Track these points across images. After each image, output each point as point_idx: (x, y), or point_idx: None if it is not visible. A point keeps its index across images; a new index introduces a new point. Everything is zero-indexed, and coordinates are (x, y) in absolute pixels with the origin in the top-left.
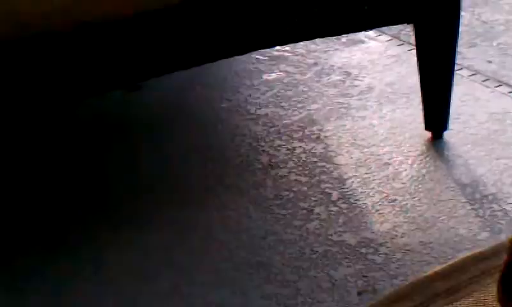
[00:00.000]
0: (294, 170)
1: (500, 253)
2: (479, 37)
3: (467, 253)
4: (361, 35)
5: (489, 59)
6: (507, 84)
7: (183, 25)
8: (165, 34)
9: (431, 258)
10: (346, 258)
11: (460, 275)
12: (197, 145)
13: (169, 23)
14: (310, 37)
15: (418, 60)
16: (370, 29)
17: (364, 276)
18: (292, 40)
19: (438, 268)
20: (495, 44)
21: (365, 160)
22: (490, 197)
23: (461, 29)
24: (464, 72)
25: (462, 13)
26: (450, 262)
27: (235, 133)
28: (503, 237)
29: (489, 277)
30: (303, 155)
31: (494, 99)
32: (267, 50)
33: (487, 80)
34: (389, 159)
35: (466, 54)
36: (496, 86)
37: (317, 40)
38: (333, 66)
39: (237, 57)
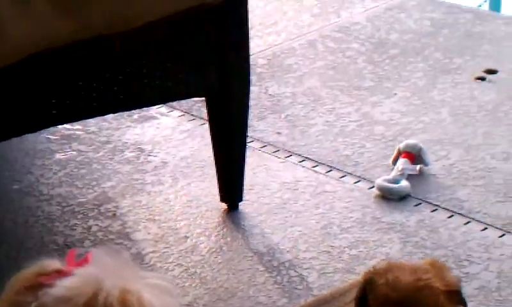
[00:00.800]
0: (90, 249)
1: None
2: (267, 110)
3: None
4: (152, 111)
5: (279, 131)
6: (297, 154)
7: None
8: None
9: None
10: None
11: None
12: None
13: None
14: (102, 112)
15: (211, 133)
16: (163, 102)
17: None
18: (86, 115)
19: None
20: (283, 116)
21: (163, 235)
22: (287, 264)
23: (250, 102)
24: (256, 144)
25: (251, 88)
26: None
27: (28, 215)
28: (301, 302)
29: None
30: (100, 233)
31: (285, 169)
32: (58, 128)
33: (277, 151)
34: (187, 232)
35: (257, 126)
36: (287, 157)
37: (109, 118)
38: (126, 143)
39: (26, 137)
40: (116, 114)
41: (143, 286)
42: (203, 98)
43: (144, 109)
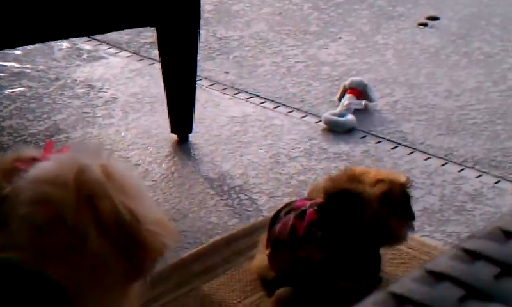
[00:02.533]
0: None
1: (250, 235)
2: (215, 51)
3: (219, 237)
4: (101, 52)
5: (227, 70)
6: (245, 92)
7: None
8: None
9: (186, 244)
10: None
11: (214, 256)
12: None
13: None
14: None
15: (162, 69)
16: (115, 30)
17: None
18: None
19: (193, 251)
20: (231, 57)
21: None
22: (237, 189)
23: (199, 45)
24: (205, 82)
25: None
26: (203, 245)
27: None
28: (252, 222)
29: (241, 256)
30: None
31: (234, 105)
32: (7, 66)
33: (226, 88)
34: (138, 160)
35: (205, 66)
36: (235, 94)
37: (58, 57)
38: (75, 80)
39: None
40: (65, 54)
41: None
42: (152, 40)
43: (92, 49)
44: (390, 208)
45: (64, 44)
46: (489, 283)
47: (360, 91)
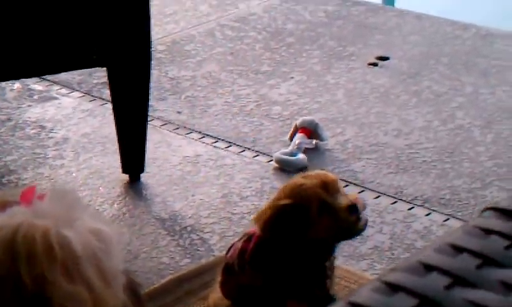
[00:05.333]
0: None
1: (201, 275)
2: (167, 91)
3: (171, 277)
4: (53, 92)
5: (179, 110)
6: (197, 131)
7: None
8: None
9: None
10: None
11: (165, 296)
12: None
13: None
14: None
15: (113, 107)
16: (66, 70)
17: None
18: None
19: (145, 291)
20: (183, 97)
21: None
22: (189, 229)
23: (150, 84)
24: (156, 122)
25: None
26: (155, 286)
27: None
28: (203, 262)
29: (193, 296)
30: None
31: (186, 145)
32: None
33: (178, 128)
34: (89, 201)
35: (157, 106)
36: (187, 133)
37: (9, 97)
38: (26, 121)
39: None
40: (16, 94)
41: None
42: (104, 80)
43: (44, 90)
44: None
45: (16, 84)
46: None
47: (310, 131)
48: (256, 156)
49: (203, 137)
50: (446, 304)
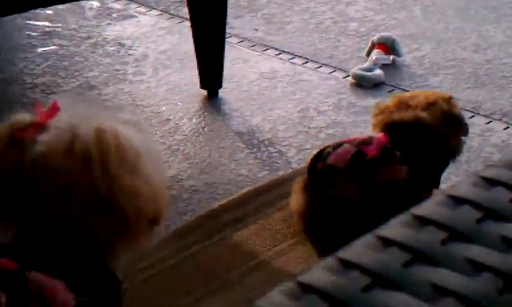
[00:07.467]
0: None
1: (279, 186)
2: (244, 9)
3: (249, 189)
4: (131, 10)
5: (255, 27)
6: (274, 48)
7: None
8: None
9: (216, 195)
10: None
11: (244, 207)
12: None
13: None
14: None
15: (192, 26)
16: None
17: None
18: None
19: (223, 202)
20: (259, 15)
21: (146, 118)
22: (266, 142)
23: (228, 3)
24: (233, 40)
25: None
26: (234, 196)
27: (13, 102)
28: (281, 174)
29: (271, 206)
30: None
31: (262, 61)
32: (39, 25)
33: (254, 45)
34: (169, 115)
35: (234, 24)
36: (264, 50)
37: (88, 16)
38: (106, 38)
39: (8, 33)
40: (95, 13)
41: (117, 123)
42: None
43: (122, 8)
44: (450, 126)
45: (95, 3)
46: (436, 249)
47: (387, 47)
48: (333, 72)
49: (280, 53)
50: (441, 260)
